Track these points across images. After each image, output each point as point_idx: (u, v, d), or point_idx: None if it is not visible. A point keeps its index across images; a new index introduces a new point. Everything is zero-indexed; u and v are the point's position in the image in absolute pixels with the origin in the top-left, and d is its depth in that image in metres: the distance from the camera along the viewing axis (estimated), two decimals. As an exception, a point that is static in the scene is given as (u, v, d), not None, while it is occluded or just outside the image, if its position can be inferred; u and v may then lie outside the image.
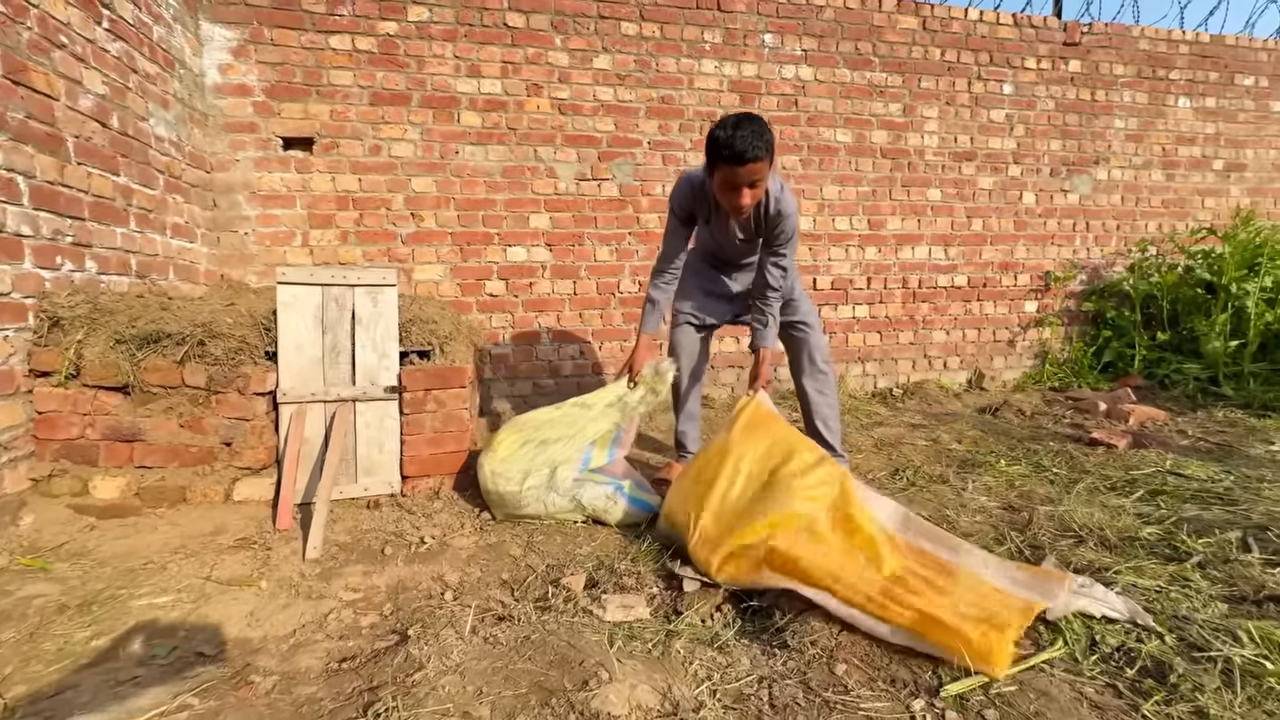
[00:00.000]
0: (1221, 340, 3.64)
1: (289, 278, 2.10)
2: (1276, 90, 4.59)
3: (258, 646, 1.28)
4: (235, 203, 3.06)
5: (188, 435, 1.95)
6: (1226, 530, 1.70)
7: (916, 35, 3.88)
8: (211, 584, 1.51)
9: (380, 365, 2.17)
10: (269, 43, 3.03)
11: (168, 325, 1.95)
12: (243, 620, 1.37)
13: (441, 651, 1.21)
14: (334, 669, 1.21)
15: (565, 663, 1.17)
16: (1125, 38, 4.26)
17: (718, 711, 1.05)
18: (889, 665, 1.18)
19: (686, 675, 1.16)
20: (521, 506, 1.94)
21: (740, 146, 1.75)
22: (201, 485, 1.94)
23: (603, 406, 2.12)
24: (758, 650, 1.25)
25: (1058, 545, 1.69)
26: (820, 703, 1.08)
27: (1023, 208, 4.16)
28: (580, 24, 3.38)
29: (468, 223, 3.32)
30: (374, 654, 1.25)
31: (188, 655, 1.24)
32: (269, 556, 1.67)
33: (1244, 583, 1.42)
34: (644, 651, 1.24)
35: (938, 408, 3.56)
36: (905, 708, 1.06)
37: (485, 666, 1.16)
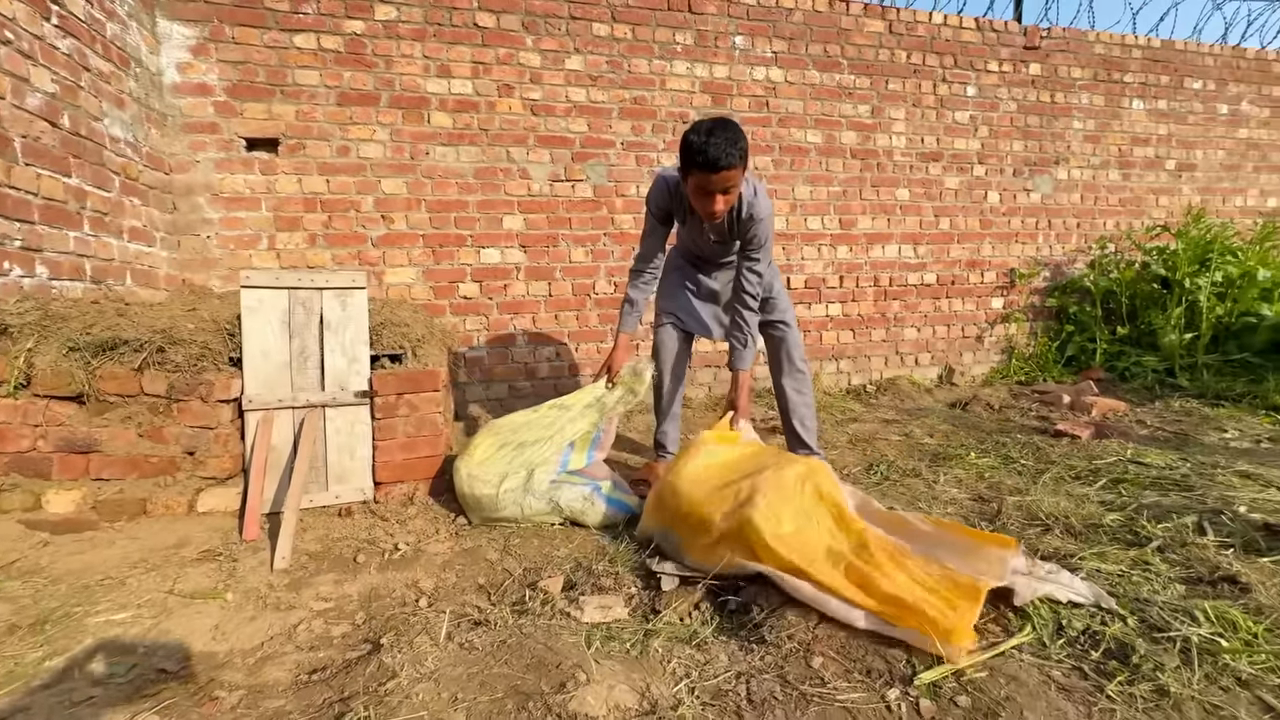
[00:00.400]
0: (1177, 333, 3.79)
1: (254, 281, 2.04)
2: (1222, 93, 4.80)
3: (223, 661, 1.24)
4: (196, 205, 2.97)
5: (148, 445, 1.88)
6: (1183, 515, 1.76)
7: (883, 38, 3.95)
8: (174, 598, 1.46)
9: (350, 370, 2.13)
10: (230, 41, 2.95)
11: (125, 332, 1.88)
12: (207, 634, 1.33)
13: (415, 659, 1.19)
14: (303, 681, 1.17)
15: (542, 666, 1.16)
16: (1082, 42, 4.41)
17: (696, 709, 1.05)
18: (864, 656, 1.20)
19: (664, 674, 1.16)
20: (498, 509, 1.92)
21: (714, 154, 1.73)
22: (163, 497, 1.88)
23: (581, 407, 2.11)
24: (735, 646, 1.25)
25: (1025, 534, 1.73)
26: (797, 696, 1.08)
27: (988, 207, 4.27)
28: (551, 24, 3.36)
29: (440, 224, 3.28)
30: (345, 664, 1.22)
31: (148, 672, 1.19)
32: (235, 568, 1.62)
33: (1200, 565, 1.48)
34: (622, 652, 1.23)
35: (910, 403, 3.63)
36: (880, 697, 1.08)
37: (460, 673, 1.15)
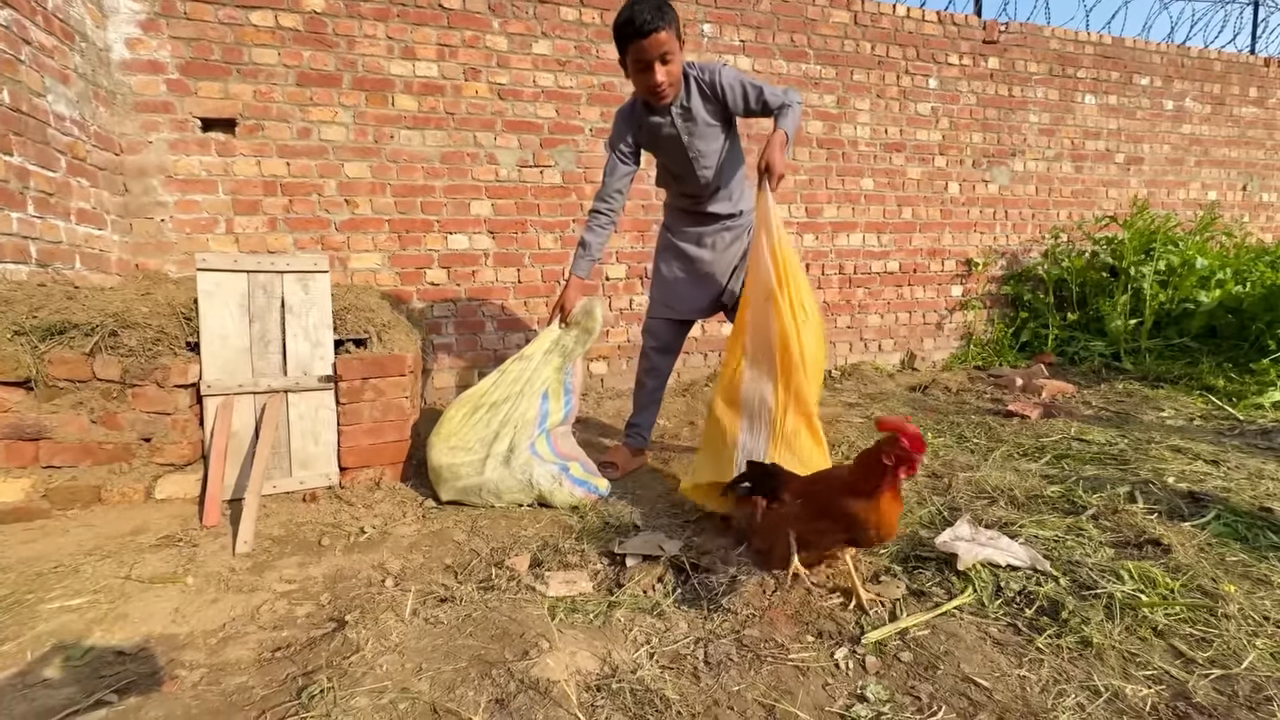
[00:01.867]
0: (1122, 319, 3.97)
1: (210, 264, 1.99)
2: (1168, 90, 5.01)
3: (184, 642, 1.23)
4: (150, 187, 2.88)
5: (101, 432, 1.84)
6: (1118, 486, 1.88)
7: (848, 29, 4.02)
8: (131, 583, 1.44)
9: (314, 354, 2.10)
10: (182, 17, 2.85)
11: (75, 315, 1.83)
12: (166, 617, 1.32)
13: (380, 634, 1.20)
14: (266, 658, 1.18)
15: (506, 636, 1.19)
16: (1038, 37, 4.54)
17: (654, 671, 1.09)
18: (817, 620, 1.26)
19: (625, 641, 1.20)
20: (477, 477, 1.94)
21: (639, 20, 1.76)
22: (119, 484, 1.84)
23: (541, 354, 2.13)
24: (695, 614, 1.30)
25: (973, 505, 1.82)
26: (752, 657, 1.14)
27: (948, 197, 4.39)
28: (518, 8, 3.33)
29: (406, 209, 3.23)
30: (309, 641, 1.22)
31: (105, 655, 1.18)
32: (195, 553, 1.61)
33: (1129, 530, 1.58)
34: (585, 622, 1.27)
35: (873, 388, 3.73)
36: (830, 656, 1.14)
37: (426, 645, 1.17)
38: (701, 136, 2.03)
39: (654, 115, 2.02)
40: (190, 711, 1.01)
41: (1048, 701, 1.00)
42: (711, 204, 2.18)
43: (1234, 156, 5.37)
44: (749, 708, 1.00)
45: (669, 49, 1.82)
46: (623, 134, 2.08)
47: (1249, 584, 1.34)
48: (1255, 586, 1.33)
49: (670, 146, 2.07)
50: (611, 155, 2.10)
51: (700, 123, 2.01)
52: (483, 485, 1.95)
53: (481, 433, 1.99)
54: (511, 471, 1.94)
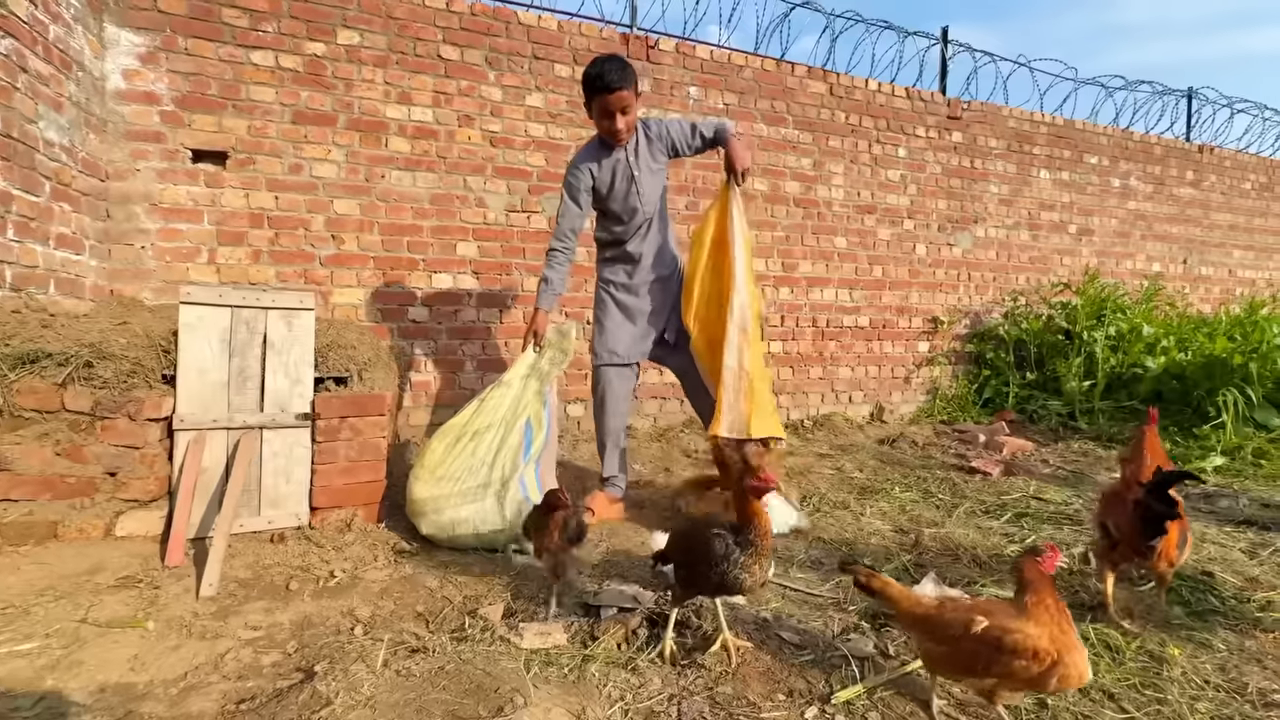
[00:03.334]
0: (1077, 380, 4.18)
1: (195, 297, 2.00)
2: (1114, 169, 5.42)
3: (142, 692, 1.19)
4: (133, 214, 2.87)
5: (64, 464, 1.79)
6: (1073, 546, 1.96)
7: (825, 99, 4.28)
8: (88, 627, 1.39)
9: (293, 392, 2.09)
10: (183, 52, 2.90)
11: (49, 344, 1.80)
12: (124, 665, 1.27)
13: (350, 686, 1.19)
14: (230, 711, 1.15)
15: (480, 690, 1.18)
16: (997, 115, 4.90)
17: (629, 729, 1.10)
18: (788, 678, 1.28)
19: (601, 697, 1.20)
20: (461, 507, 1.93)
21: (608, 78, 2.09)
22: (78, 520, 1.78)
23: (520, 379, 2.19)
24: (669, 669, 1.31)
25: (938, 563, 1.88)
26: (725, 715, 1.15)
27: (916, 258, 4.62)
28: (515, 62, 3.48)
29: (392, 248, 3.27)
30: (276, 693, 1.20)
31: (58, 706, 1.14)
32: (157, 596, 1.56)
33: (1084, 592, 1.65)
34: (560, 676, 1.27)
35: (843, 439, 3.83)
36: (800, 715, 1.16)
37: (398, 699, 1.15)
38: (647, 174, 2.33)
39: (612, 153, 2.31)
40: (150, 769, 0.98)
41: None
42: (644, 246, 2.41)
43: (1174, 232, 5.79)
44: (721, 768, 1.02)
45: (628, 103, 2.17)
46: (581, 179, 2.29)
47: (1192, 647, 1.42)
48: (1198, 650, 1.41)
49: (621, 182, 2.32)
50: (569, 201, 2.32)
51: (647, 163, 2.33)
52: (466, 519, 1.94)
53: (467, 461, 2.01)
54: (500, 506, 1.94)
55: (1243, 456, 3.09)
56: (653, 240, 2.43)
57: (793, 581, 1.77)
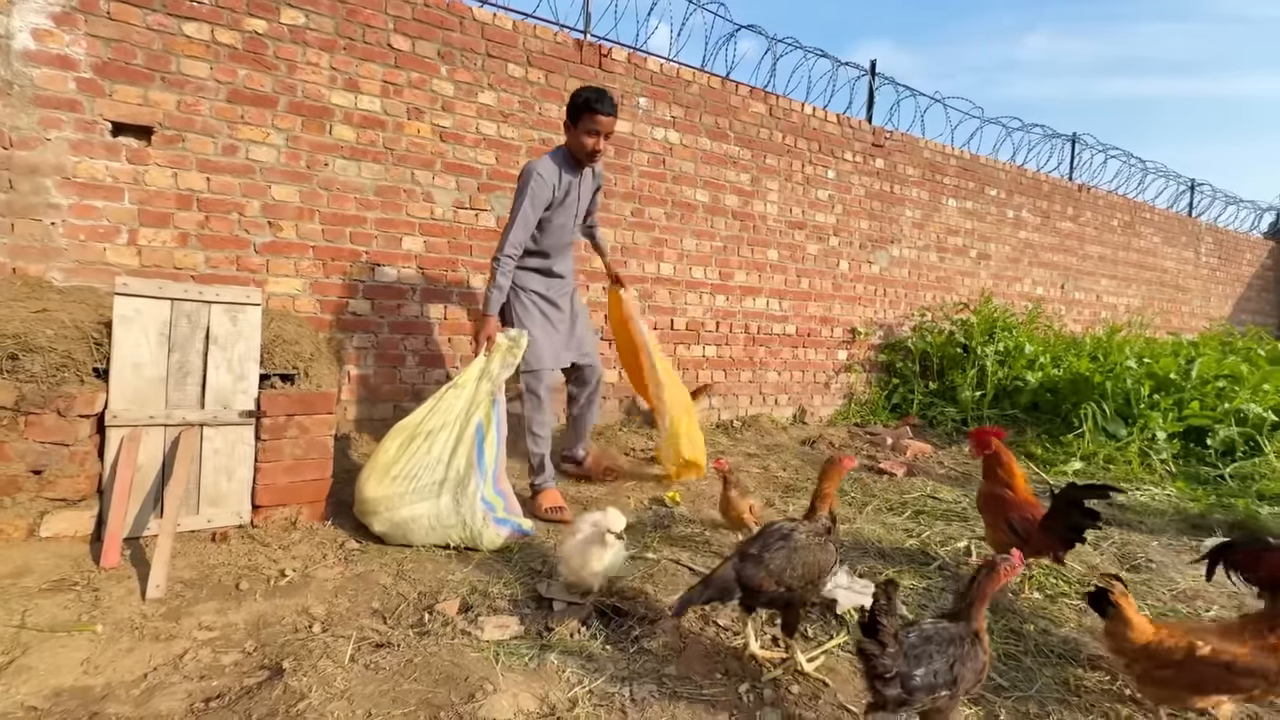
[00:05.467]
0: (970, 390, 4.70)
1: (132, 289, 1.92)
2: (1010, 201, 6.07)
3: (102, 694, 1.20)
4: (41, 187, 2.64)
5: (-17, 462, 1.69)
6: (959, 540, 2.29)
7: (764, 119, 4.54)
8: (28, 632, 1.36)
9: (236, 388, 2.06)
10: (104, 15, 2.70)
11: (-35, 334, 1.69)
12: (78, 668, 1.27)
13: (323, 681, 1.25)
14: (200, 709, 1.19)
15: (451, 680, 1.28)
16: (915, 146, 5.37)
17: (589, 709, 1.24)
18: (724, 660, 1.47)
19: (561, 682, 1.34)
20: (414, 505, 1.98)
21: (608, 103, 2.34)
22: (-3, 520, 1.69)
23: (474, 381, 2.25)
24: (620, 655, 1.46)
25: (850, 556, 2.14)
26: (670, 693, 1.32)
27: (839, 273, 5.00)
28: (468, 58, 3.47)
29: (334, 238, 3.19)
30: (245, 690, 1.24)
31: (11, 711, 1.13)
32: (98, 598, 1.53)
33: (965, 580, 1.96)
34: (522, 665, 1.39)
35: (769, 439, 4.12)
36: (735, 691, 1.34)
37: (372, 690, 1.23)
38: (586, 196, 2.61)
39: (576, 173, 2.51)
40: (131, 765, 1.02)
41: None
42: (560, 264, 2.64)
43: (1056, 260, 6.57)
44: (670, 738, 1.18)
45: (611, 130, 2.42)
46: (545, 190, 2.40)
47: (1044, 622, 1.73)
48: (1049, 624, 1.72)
49: (570, 203, 2.52)
50: (529, 210, 2.39)
51: (589, 189, 2.62)
52: (420, 515, 1.99)
53: (423, 460, 2.05)
54: (456, 504, 2.00)
55: (1097, 462, 3.63)
56: (569, 262, 2.70)
57: (726, 574, 1.97)
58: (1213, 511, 2.78)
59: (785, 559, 1.39)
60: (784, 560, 1.39)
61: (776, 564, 1.38)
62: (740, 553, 1.44)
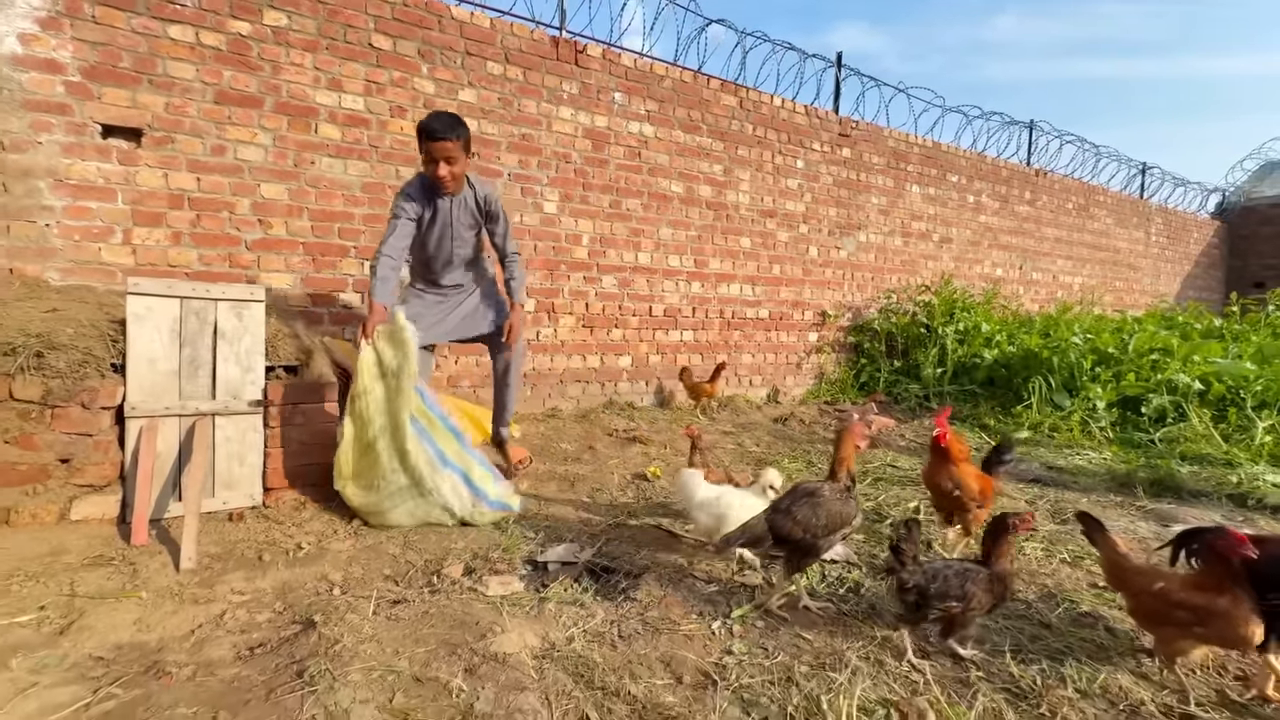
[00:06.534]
0: (932, 368, 5.00)
1: (142, 288, 2.05)
2: (970, 187, 6.35)
3: (158, 647, 1.38)
4: (34, 189, 2.72)
5: (15, 453, 1.82)
6: (910, 501, 2.55)
7: (735, 111, 4.72)
8: (80, 599, 1.52)
9: (245, 380, 2.21)
10: (89, 20, 2.76)
11: (-9, 334, 1.81)
12: (131, 628, 1.44)
13: (352, 629, 1.44)
14: (247, 655, 1.37)
15: (464, 625, 1.49)
16: (880, 135, 5.60)
17: (583, 644, 1.46)
18: (699, 604, 1.69)
19: (558, 625, 1.54)
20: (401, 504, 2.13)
21: (434, 127, 2.30)
22: (30, 506, 1.83)
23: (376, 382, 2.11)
24: (609, 604, 1.67)
25: (813, 518, 2.38)
26: (653, 631, 1.54)
27: (809, 258, 5.24)
28: (447, 56, 3.58)
29: (323, 234, 3.31)
30: (284, 640, 1.43)
31: (83, 661, 1.30)
32: (135, 571, 1.69)
33: (913, 534, 2.21)
34: (524, 613, 1.59)
35: (744, 418, 4.36)
36: (709, 627, 1.57)
37: (396, 634, 1.43)
38: (464, 227, 2.55)
39: (436, 201, 2.47)
40: (199, 696, 1.20)
41: (844, 645, 1.50)
42: (447, 276, 2.66)
43: (1014, 243, 6.90)
44: (652, 664, 1.40)
45: (453, 155, 2.34)
46: (409, 203, 2.41)
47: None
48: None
49: (440, 227, 2.51)
50: (397, 220, 2.41)
51: (466, 219, 2.54)
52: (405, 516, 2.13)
53: (381, 469, 2.07)
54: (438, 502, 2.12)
55: (1042, 430, 3.95)
56: (459, 275, 2.68)
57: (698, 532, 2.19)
58: (1139, 472, 3.09)
59: (810, 510, 1.63)
60: (809, 511, 1.63)
61: (803, 515, 1.62)
62: (773, 507, 1.68)
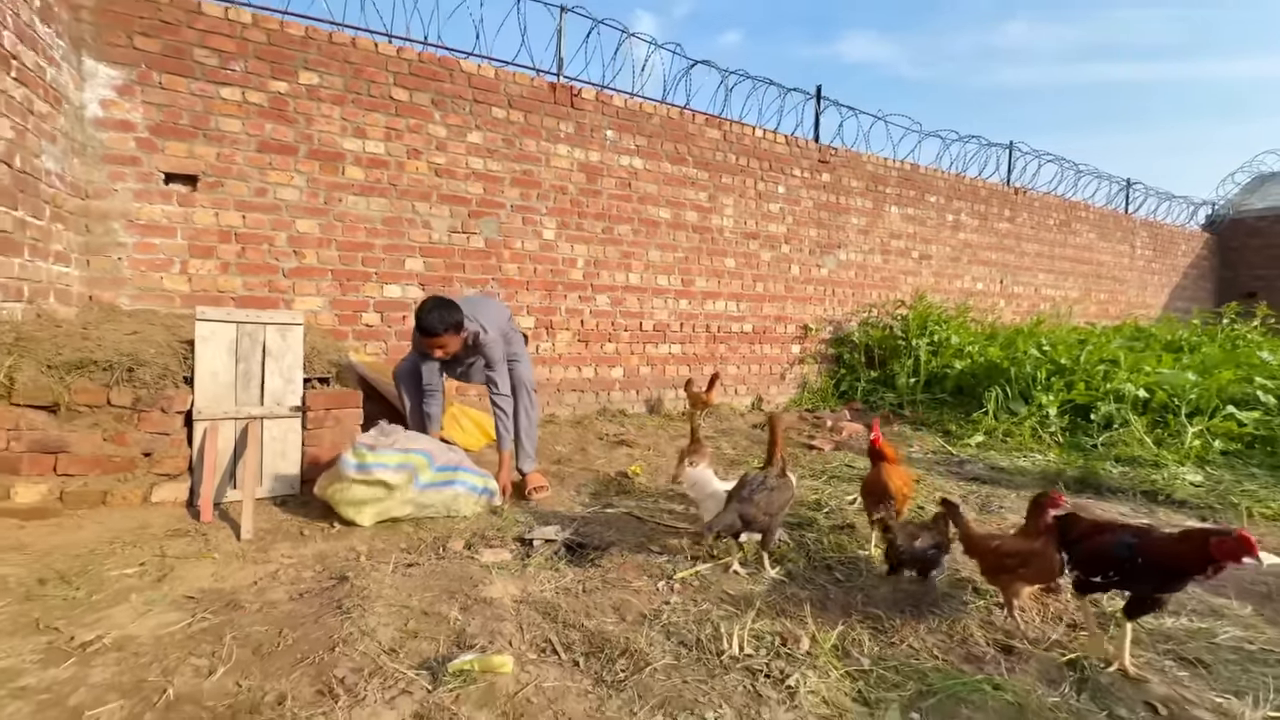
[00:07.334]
0: (906, 378, 5.37)
1: (208, 316, 2.53)
2: (949, 206, 6.73)
3: (231, 591, 1.82)
4: (111, 230, 3.23)
5: (111, 448, 2.30)
6: (849, 495, 2.94)
7: (719, 143, 5.16)
8: (169, 559, 1.98)
9: (287, 389, 2.67)
10: (157, 85, 3.28)
11: (94, 354, 2.29)
12: (209, 578, 1.89)
13: (376, 582, 1.88)
14: (297, 597, 1.81)
15: (462, 579, 1.92)
16: (858, 161, 6.01)
17: (552, 594, 1.88)
18: (651, 570, 2.10)
19: (535, 582, 1.97)
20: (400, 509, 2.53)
21: (427, 324, 2.55)
22: (122, 490, 2.30)
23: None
24: (578, 570, 2.09)
25: (764, 507, 2.78)
26: (609, 586, 1.95)
27: (791, 276, 5.64)
28: (457, 104, 4.07)
29: (348, 262, 3.80)
30: (324, 588, 1.87)
31: (179, 599, 1.75)
32: (207, 539, 2.15)
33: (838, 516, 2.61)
34: (510, 574, 2.02)
35: (726, 424, 4.76)
36: (654, 585, 1.98)
37: (410, 585, 1.86)
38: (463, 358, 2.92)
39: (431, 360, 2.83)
40: (267, 620, 1.64)
41: (755, 591, 1.90)
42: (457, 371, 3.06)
43: (994, 258, 7.24)
44: (604, 608, 1.81)
45: (443, 342, 2.65)
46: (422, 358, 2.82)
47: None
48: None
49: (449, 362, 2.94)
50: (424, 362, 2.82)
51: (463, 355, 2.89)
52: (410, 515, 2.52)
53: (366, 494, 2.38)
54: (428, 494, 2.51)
55: (997, 435, 4.30)
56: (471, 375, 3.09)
57: (663, 518, 2.60)
58: (1067, 471, 3.45)
59: (766, 498, 2.05)
60: (765, 498, 2.05)
61: (762, 501, 2.04)
62: (737, 498, 2.08)
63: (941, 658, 1.59)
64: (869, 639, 1.67)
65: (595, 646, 1.58)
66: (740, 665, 1.52)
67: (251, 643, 1.54)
